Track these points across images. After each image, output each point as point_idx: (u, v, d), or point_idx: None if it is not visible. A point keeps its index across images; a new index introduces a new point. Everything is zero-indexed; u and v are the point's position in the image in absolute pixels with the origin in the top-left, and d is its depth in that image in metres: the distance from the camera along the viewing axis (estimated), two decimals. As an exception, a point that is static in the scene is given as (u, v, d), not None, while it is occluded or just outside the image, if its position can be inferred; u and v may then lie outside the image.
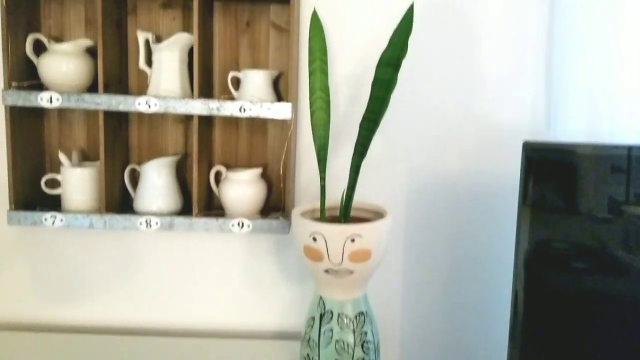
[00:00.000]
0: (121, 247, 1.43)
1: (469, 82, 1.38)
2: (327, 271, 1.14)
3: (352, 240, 1.10)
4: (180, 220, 1.25)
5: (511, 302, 1.13)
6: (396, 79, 1.13)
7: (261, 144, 1.39)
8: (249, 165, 1.39)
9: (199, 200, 1.28)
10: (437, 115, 1.39)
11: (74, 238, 1.42)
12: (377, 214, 1.24)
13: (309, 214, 1.25)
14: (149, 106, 1.21)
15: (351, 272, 1.13)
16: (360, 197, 1.29)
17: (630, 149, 1.08)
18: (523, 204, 1.10)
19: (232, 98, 1.30)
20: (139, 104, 1.21)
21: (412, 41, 1.31)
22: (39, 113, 1.34)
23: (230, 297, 1.46)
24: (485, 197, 1.42)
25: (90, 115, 1.36)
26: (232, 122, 1.38)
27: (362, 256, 1.12)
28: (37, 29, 1.32)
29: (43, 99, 1.20)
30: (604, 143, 1.18)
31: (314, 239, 1.12)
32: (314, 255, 1.13)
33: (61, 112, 1.36)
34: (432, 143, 1.40)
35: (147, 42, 1.29)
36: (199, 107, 1.21)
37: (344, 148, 1.39)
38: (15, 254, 1.43)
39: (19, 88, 1.22)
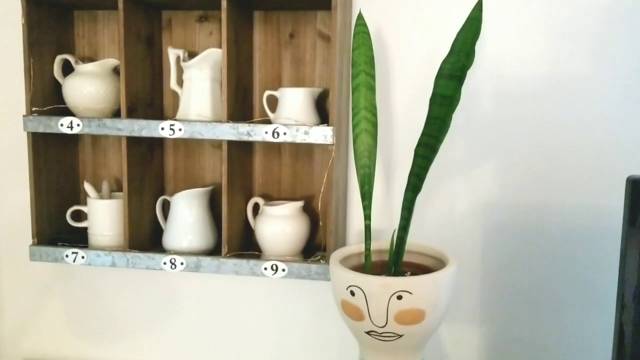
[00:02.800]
0: (160, 284, 1.30)
1: (566, 100, 1.11)
2: (369, 333, 0.92)
3: (399, 298, 0.88)
4: (208, 261, 1.09)
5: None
6: (459, 95, 0.91)
7: (307, 172, 1.20)
8: (293, 196, 1.21)
9: (231, 238, 1.11)
10: (519, 139, 1.13)
11: (111, 273, 1.31)
12: (438, 261, 1.01)
13: (355, 258, 1.04)
14: (173, 131, 1.06)
15: (400, 335, 0.91)
16: (425, 237, 1.06)
17: None
18: (627, 243, 0.82)
19: (268, 121, 1.12)
20: (163, 129, 1.07)
21: (484, 47, 1.08)
22: (73, 139, 1.25)
23: (271, 349, 1.27)
24: (580, 236, 1.13)
25: (128, 141, 1.24)
26: (274, 147, 1.21)
27: (412, 317, 0.89)
28: (69, 49, 1.23)
29: (64, 125, 1.09)
30: None
31: (352, 293, 0.91)
32: (352, 312, 0.92)
33: (95, 138, 1.26)
34: (513, 172, 1.14)
35: (178, 60, 1.15)
36: (227, 131, 1.05)
37: (403, 179, 1.17)
38: (51, 288, 1.34)
39: (41, 113, 1.13)
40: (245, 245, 1.18)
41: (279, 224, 1.12)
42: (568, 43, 1.10)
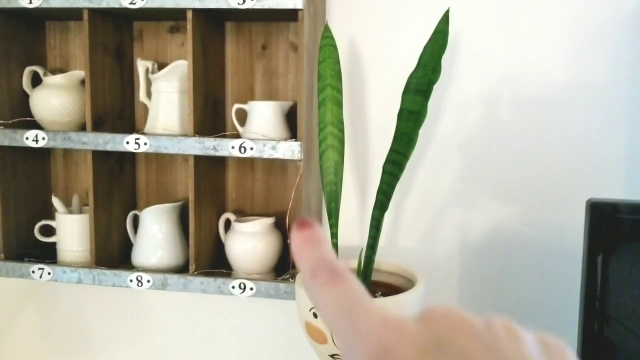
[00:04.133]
0: (130, 300, 1.27)
1: (539, 117, 1.08)
2: (333, 357, 0.89)
3: (362, 320, 0.84)
4: (175, 279, 1.06)
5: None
6: (426, 110, 0.88)
7: (280, 187, 1.17)
8: (266, 211, 1.18)
9: (199, 255, 1.08)
10: (495, 155, 1.10)
11: (81, 289, 1.28)
12: (409, 281, 0.97)
13: (325, 277, 1.01)
14: (139, 145, 1.04)
15: None
16: (400, 255, 1.03)
17: None
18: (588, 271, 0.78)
19: (238, 135, 1.09)
20: (128, 143, 1.04)
21: (452, 62, 1.05)
22: (44, 152, 1.22)
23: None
24: (555, 256, 1.09)
25: (95, 155, 1.21)
26: (246, 162, 1.18)
27: (377, 340, 0.86)
28: (40, 60, 1.20)
29: (29, 139, 1.07)
30: None
31: (315, 315, 0.87)
32: (316, 335, 0.89)
33: (66, 151, 1.24)
34: (492, 192, 1.11)
35: (147, 72, 1.13)
36: (193, 146, 1.02)
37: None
38: (24, 304, 1.32)
39: (7, 126, 1.10)
40: (216, 262, 1.15)
41: (249, 241, 1.08)
42: (585, 51, 1.06)
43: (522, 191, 1.10)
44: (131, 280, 1.08)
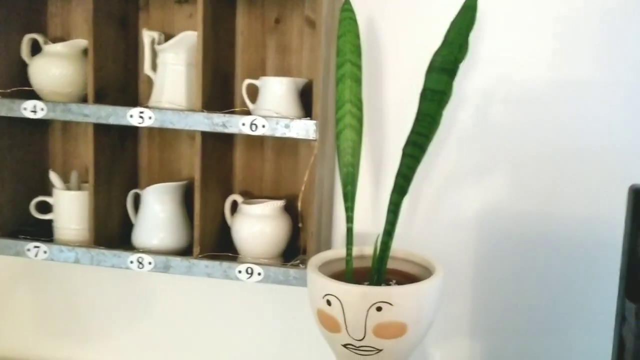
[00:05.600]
0: (131, 282, 1.22)
1: (569, 103, 1.03)
2: (346, 346, 0.84)
3: (378, 309, 0.80)
4: (178, 262, 1.01)
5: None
6: (451, 90, 0.82)
7: (291, 169, 1.12)
8: (275, 194, 1.13)
9: (204, 238, 1.03)
10: (519, 141, 1.05)
11: (80, 269, 1.23)
12: (426, 270, 0.92)
13: (336, 263, 0.96)
14: (143, 119, 0.98)
15: (378, 350, 0.83)
16: (414, 242, 0.98)
17: None
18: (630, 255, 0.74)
19: (248, 112, 1.04)
20: (131, 117, 0.98)
21: (480, 40, 0.99)
22: (42, 125, 1.17)
23: (245, 355, 1.19)
24: (578, 247, 1.04)
25: (96, 128, 1.16)
26: (255, 141, 1.12)
27: (393, 331, 0.81)
28: (41, 29, 1.14)
29: (27, 109, 1.01)
30: None
31: (328, 303, 0.83)
32: (328, 323, 0.84)
33: (66, 124, 1.18)
34: (512, 177, 1.06)
35: (153, 43, 1.07)
36: (200, 122, 0.97)
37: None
38: (19, 283, 1.26)
39: (4, 95, 1.05)
40: (221, 246, 1.09)
41: (257, 224, 1.03)
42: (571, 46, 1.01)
43: (544, 180, 1.05)
44: (132, 262, 1.03)
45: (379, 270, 0.90)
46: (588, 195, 1.03)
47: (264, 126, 0.95)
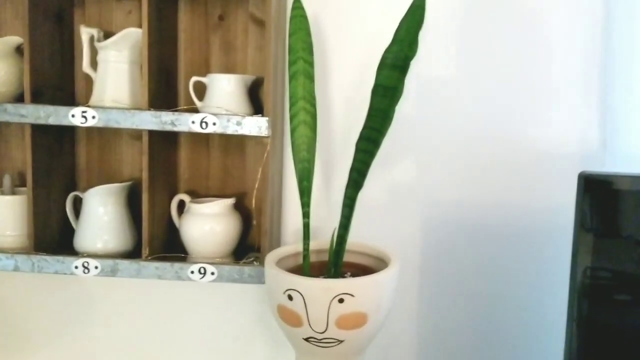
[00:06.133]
0: (73, 289, 1.17)
1: (504, 94, 1.09)
2: (307, 340, 0.85)
3: (340, 301, 0.81)
4: (126, 265, 0.98)
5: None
6: (402, 86, 0.85)
7: (238, 167, 1.11)
8: (222, 193, 1.12)
9: (152, 239, 1.00)
10: (463, 135, 1.10)
11: (17, 277, 1.16)
12: (380, 261, 0.95)
13: (291, 259, 0.97)
14: (86, 119, 0.94)
15: (340, 341, 0.84)
16: (366, 233, 1.00)
17: None
18: (579, 241, 0.80)
19: (195, 110, 1.03)
20: (73, 117, 0.94)
21: (427, 37, 1.03)
22: (-32, 127, 1.10)
23: (200, 357, 1.18)
24: (524, 234, 1.11)
25: (34, 129, 1.10)
26: (201, 139, 1.11)
27: (354, 321, 0.83)
28: (-35, 25, 1.07)
29: (-45, 110, 0.95)
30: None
31: (290, 297, 0.83)
32: (290, 318, 0.85)
33: (-5, 126, 1.11)
34: (456, 170, 1.11)
35: (92, 41, 1.03)
36: (148, 120, 0.94)
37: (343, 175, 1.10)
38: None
39: None
40: (168, 247, 1.07)
41: (207, 223, 1.02)
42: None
43: (491, 170, 1.10)
44: (76, 267, 0.99)
45: (336, 263, 0.92)
46: (526, 181, 1.10)
47: (214, 124, 0.94)
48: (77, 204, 1.07)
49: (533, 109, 1.08)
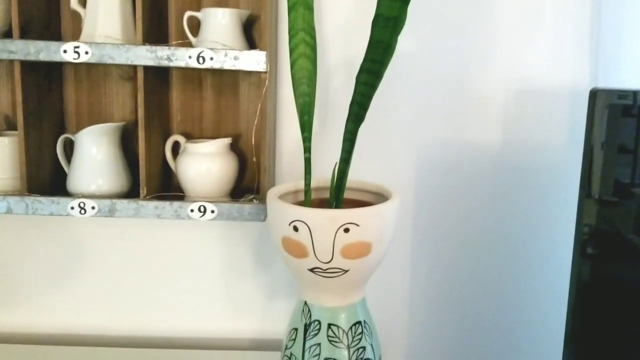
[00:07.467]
0: (64, 234, 1.15)
1: (500, 34, 1.09)
2: (312, 270, 0.86)
3: (346, 230, 0.82)
4: (124, 205, 0.97)
5: (569, 299, 0.85)
6: (405, 16, 0.84)
7: (232, 108, 1.10)
8: (216, 135, 1.10)
9: (150, 179, 0.99)
10: (454, 74, 1.10)
11: (5, 222, 1.14)
12: (379, 196, 0.96)
13: (290, 196, 0.97)
14: (78, 55, 0.92)
15: (345, 271, 0.85)
16: (361, 174, 1.01)
17: None
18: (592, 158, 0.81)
19: (189, 45, 1.00)
20: (65, 52, 0.91)
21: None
22: (-52, 68, 1.05)
23: (199, 298, 1.18)
24: (521, 172, 1.13)
25: (24, 66, 1.05)
26: (193, 79, 1.09)
27: (359, 251, 0.84)
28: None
29: (-62, 46, 0.91)
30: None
31: (295, 229, 0.84)
32: (295, 249, 0.85)
33: (-23, 66, 1.07)
34: (449, 108, 1.12)
35: (79, -26, 0.99)
36: (143, 55, 0.92)
37: (340, 110, 1.10)
38: None
39: None
40: (164, 189, 1.06)
41: (204, 163, 1.01)
42: None
43: (483, 109, 1.12)
44: (72, 208, 0.97)
45: (337, 198, 0.92)
46: (517, 118, 1.12)
47: (212, 58, 0.92)
48: (67, 147, 1.05)
49: (526, 48, 1.09)
